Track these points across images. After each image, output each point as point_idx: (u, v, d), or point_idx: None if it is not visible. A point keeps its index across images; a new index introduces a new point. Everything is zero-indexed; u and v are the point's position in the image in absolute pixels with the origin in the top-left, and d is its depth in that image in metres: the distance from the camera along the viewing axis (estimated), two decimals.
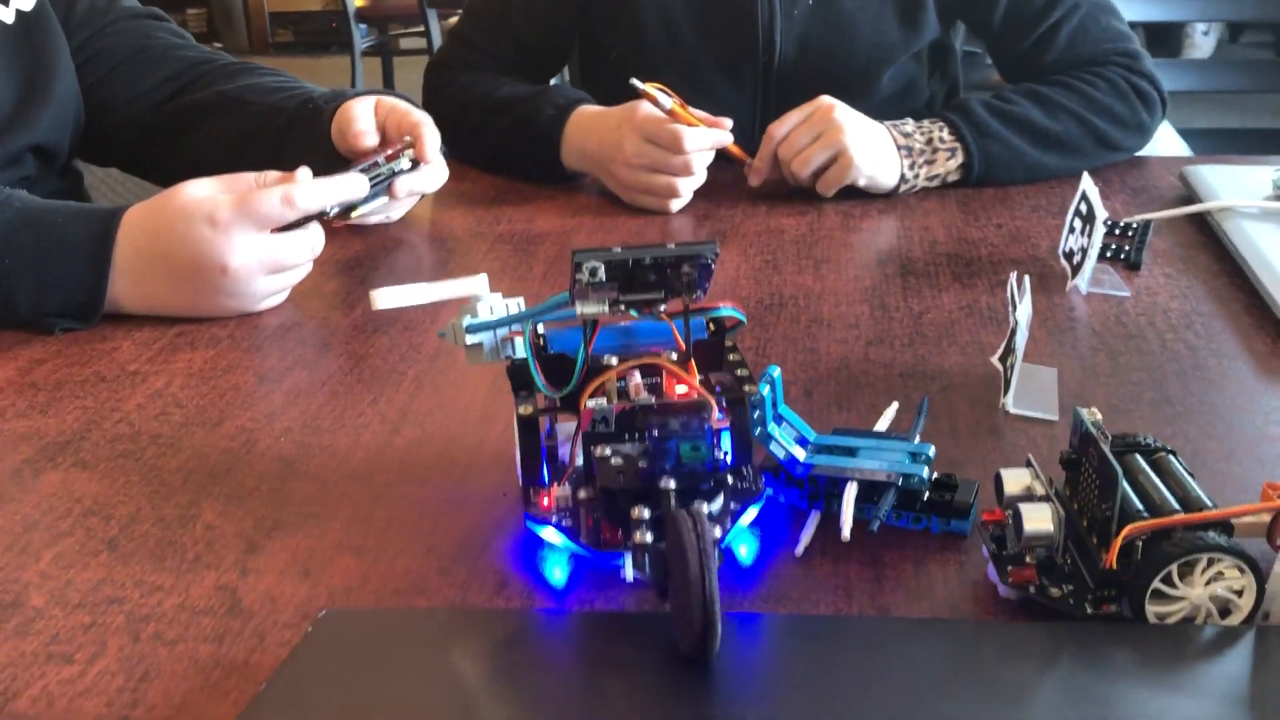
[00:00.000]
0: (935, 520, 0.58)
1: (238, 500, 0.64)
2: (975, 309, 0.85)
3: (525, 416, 0.57)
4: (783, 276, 0.92)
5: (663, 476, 0.52)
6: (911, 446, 0.60)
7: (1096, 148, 1.11)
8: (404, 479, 0.65)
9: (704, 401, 0.55)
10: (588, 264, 0.53)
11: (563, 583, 0.56)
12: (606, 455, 0.54)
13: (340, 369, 0.79)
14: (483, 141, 1.19)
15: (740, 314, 0.60)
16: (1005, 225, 1.02)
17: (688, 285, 0.56)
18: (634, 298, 0.56)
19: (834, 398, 0.73)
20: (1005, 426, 0.69)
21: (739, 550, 0.57)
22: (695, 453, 0.52)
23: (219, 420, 0.73)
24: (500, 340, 0.60)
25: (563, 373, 0.58)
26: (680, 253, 0.54)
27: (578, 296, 0.55)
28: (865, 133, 1.06)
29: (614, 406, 0.55)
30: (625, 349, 0.59)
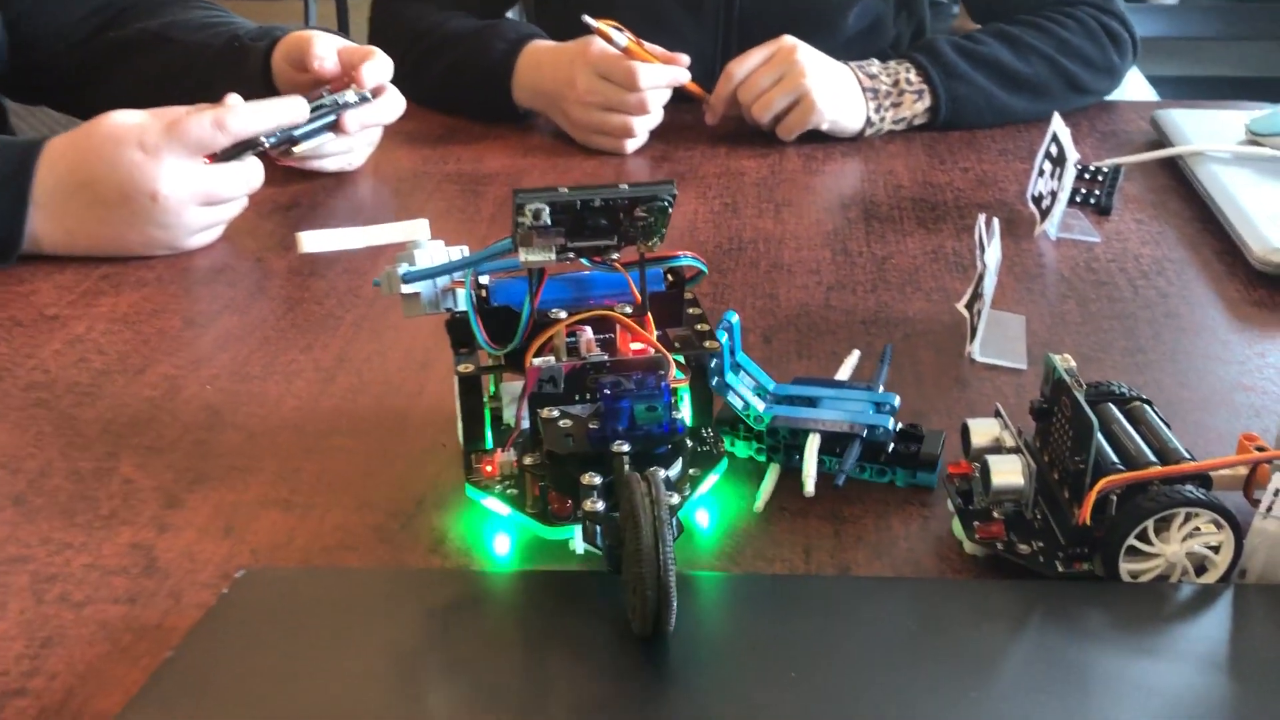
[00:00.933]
0: (900, 473, 0.55)
1: (158, 452, 0.60)
2: (941, 254, 0.82)
3: (466, 375, 0.53)
4: (742, 220, 0.88)
5: (615, 440, 0.48)
6: (875, 396, 0.56)
7: (1066, 90, 1.08)
8: (337, 430, 0.62)
9: (660, 358, 0.52)
10: (530, 205, 0.49)
11: (507, 556, 0.51)
12: (554, 417, 0.50)
13: (273, 313, 0.74)
14: (430, 77, 1.13)
15: (701, 263, 0.56)
16: (972, 169, 0.98)
17: (643, 231, 0.52)
18: (583, 244, 0.51)
19: (793, 345, 0.69)
20: (971, 376, 0.66)
21: (698, 519, 0.52)
22: (651, 414, 0.48)
23: (142, 367, 0.68)
24: (440, 291, 0.55)
25: (507, 327, 0.52)
26: (634, 194, 0.50)
27: (521, 242, 0.50)
28: (829, 75, 1.02)
29: (563, 364, 0.51)
30: (575, 302, 0.54)
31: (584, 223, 0.50)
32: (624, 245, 0.52)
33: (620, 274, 0.53)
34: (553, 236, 0.50)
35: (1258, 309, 0.73)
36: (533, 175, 0.99)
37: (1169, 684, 0.41)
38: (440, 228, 0.63)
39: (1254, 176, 0.89)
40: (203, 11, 1.08)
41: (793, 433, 0.55)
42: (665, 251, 0.55)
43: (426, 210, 0.91)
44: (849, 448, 0.54)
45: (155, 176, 0.77)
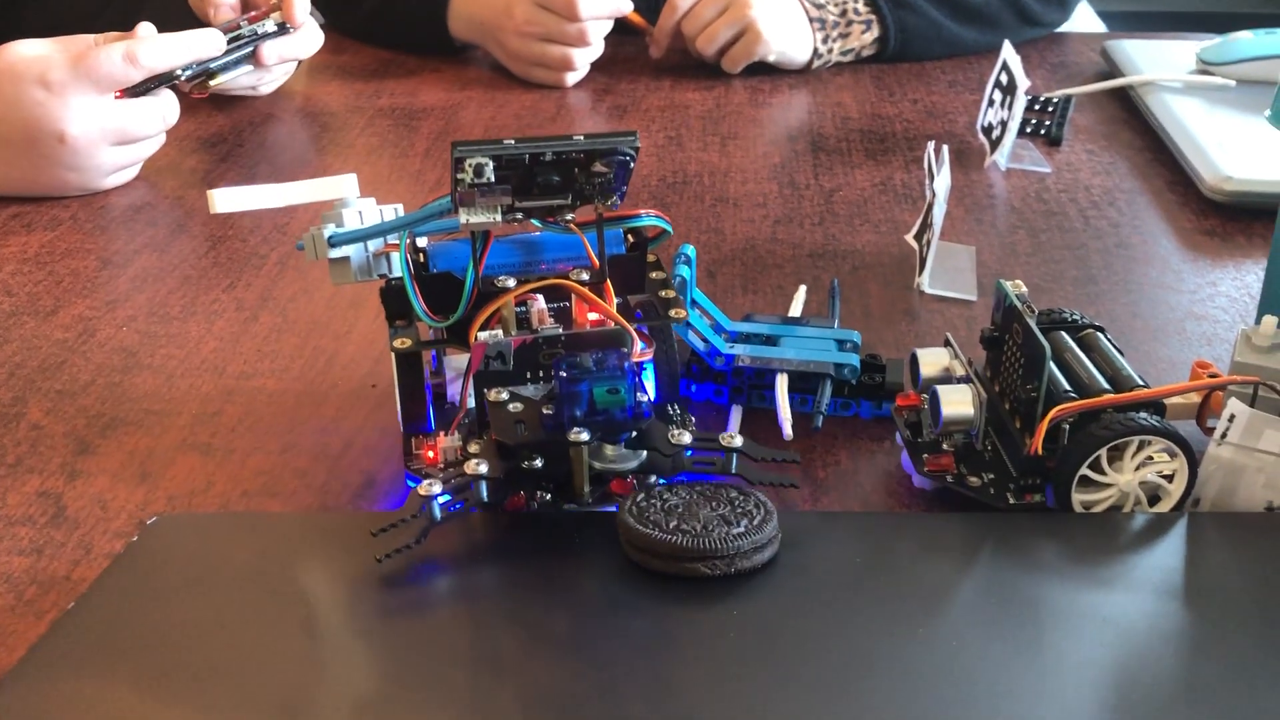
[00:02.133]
0: (866, 405, 0.53)
1: (69, 396, 0.57)
2: (889, 186, 0.80)
3: (403, 351, 0.47)
4: (687, 153, 0.85)
5: (573, 427, 0.43)
6: (837, 333, 0.54)
7: (1017, 21, 1.06)
8: (259, 371, 0.59)
9: (621, 332, 0.46)
10: (471, 160, 0.42)
11: None
12: (503, 400, 0.44)
13: (194, 252, 0.71)
14: (363, 9, 1.09)
15: (665, 223, 0.50)
16: (921, 100, 0.96)
17: (601, 189, 0.45)
18: (532, 204, 0.45)
19: (739, 280, 0.67)
20: (921, 308, 0.64)
21: None
22: (613, 397, 0.43)
23: (53, 309, 0.64)
24: (372, 255, 0.49)
25: (449, 296, 0.46)
26: (591, 146, 0.43)
27: (461, 202, 0.44)
28: (774, 5, 0.99)
29: (512, 339, 0.46)
30: (525, 268, 0.48)
31: (533, 179, 0.44)
32: (579, 204, 0.46)
33: (575, 236, 0.47)
34: (497, 195, 0.44)
35: (1209, 238, 0.72)
36: (469, 109, 0.95)
37: (1123, 614, 0.39)
38: (373, 166, 0.59)
39: (1205, 106, 0.87)
40: None
41: (757, 373, 0.53)
42: (626, 210, 0.48)
43: (358, 146, 0.87)
44: (821, 387, 0.51)
45: (62, 117, 0.73)
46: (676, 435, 0.45)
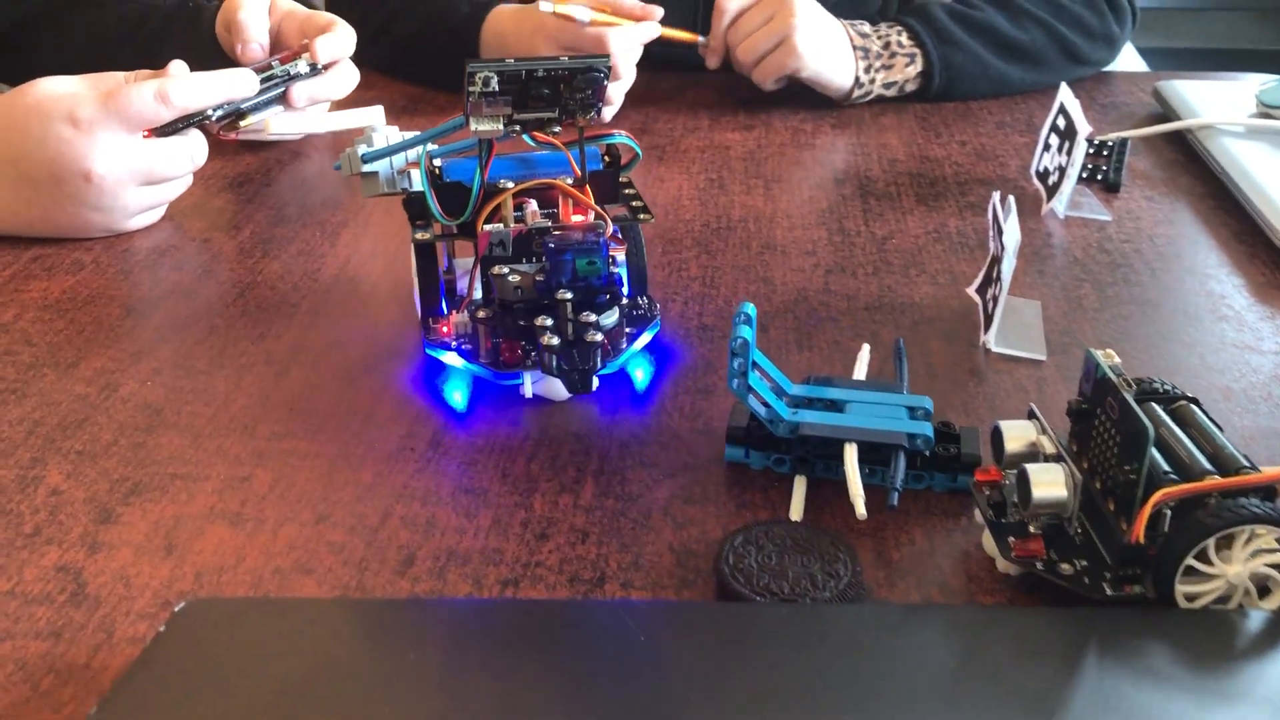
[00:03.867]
0: (939, 477, 0.50)
1: (91, 458, 0.53)
2: (944, 234, 0.76)
3: (422, 241, 0.57)
4: (730, 197, 0.82)
5: (560, 289, 0.53)
6: (907, 399, 0.51)
7: (1063, 60, 1.03)
8: (291, 431, 0.55)
9: (599, 221, 0.56)
10: (481, 74, 0.52)
11: (463, 405, 0.56)
12: (504, 273, 0.54)
13: (222, 299, 0.68)
14: (392, 42, 1.06)
15: (635, 145, 0.60)
16: (970, 142, 0.93)
17: (581, 105, 0.55)
18: (527, 116, 0.54)
19: (792, 334, 0.64)
20: (987, 368, 0.61)
21: (635, 374, 0.58)
22: (591, 266, 0.53)
23: (75, 360, 0.61)
24: (396, 172, 0.60)
25: (459, 202, 0.56)
26: (572, 65, 0.53)
27: (471, 111, 0.54)
28: (818, 23, 0.96)
29: (511, 230, 0.55)
30: (521, 178, 0.58)
31: (528, 93, 0.53)
32: (565, 119, 0.55)
33: (561, 153, 0.57)
34: (500, 106, 0.53)
35: None
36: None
37: None
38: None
39: (1268, 150, 0.84)
40: None
41: (823, 442, 0.49)
42: (602, 129, 0.59)
43: None
44: (894, 461, 0.48)
45: (89, 155, 0.70)
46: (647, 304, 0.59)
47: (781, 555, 0.45)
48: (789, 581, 0.44)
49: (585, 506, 0.50)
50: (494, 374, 0.55)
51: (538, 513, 0.50)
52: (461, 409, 0.56)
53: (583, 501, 0.50)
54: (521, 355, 0.55)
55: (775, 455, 0.52)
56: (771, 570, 0.44)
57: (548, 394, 0.57)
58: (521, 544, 0.48)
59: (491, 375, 0.55)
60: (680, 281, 0.70)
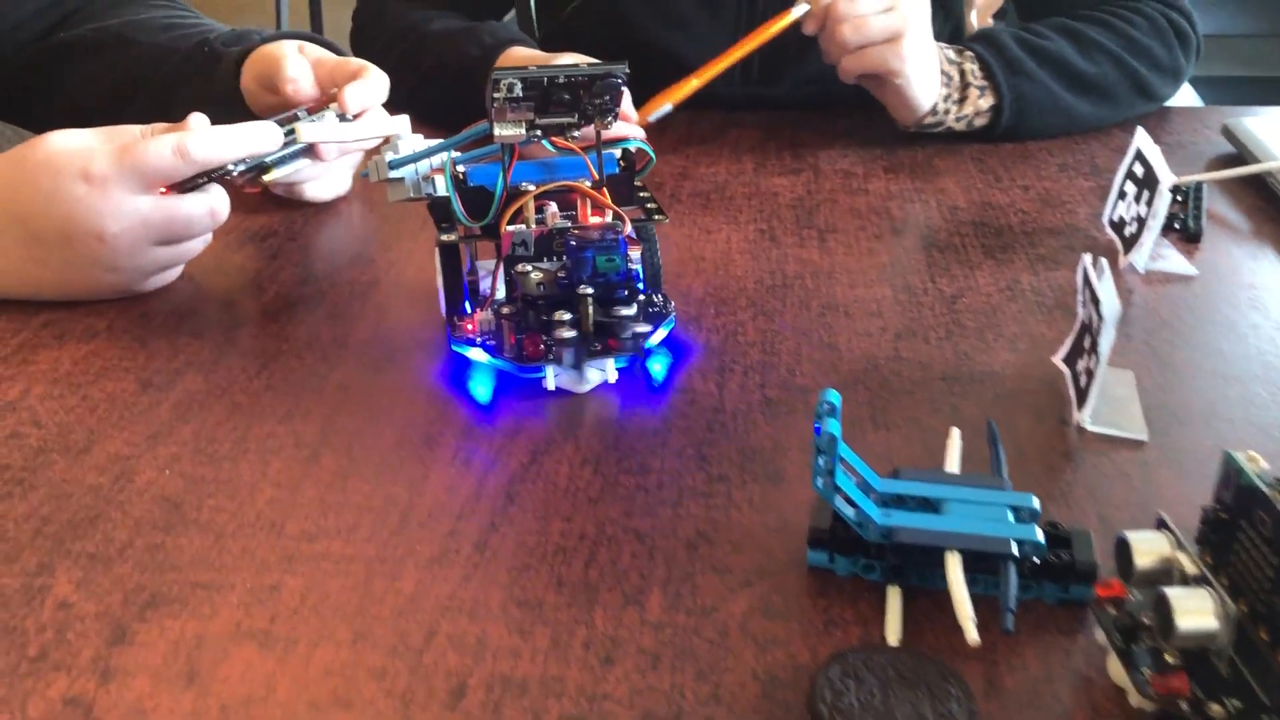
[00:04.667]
0: (1049, 587, 0.45)
1: (104, 563, 0.48)
2: (1017, 291, 0.71)
3: (447, 243, 0.60)
4: (783, 250, 0.77)
5: (581, 285, 0.57)
6: (1009, 497, 0.46)
7: (1132, 95, 0.97)
8: (324, 529, 0.50)
9: (616, 220, 0.60)
10: (506, 80, 0.56)
11: (488, 399, 0.59)
12: (527, 270, 0.58)
13: (245, 372, 0.63)
14: (407, 83, 1.02)
15: (649, 148, 0.63)
16: (1032, 187, 0.88)
17: (600, 109, 0.59)
18: (549, 120, 0.58)
19: (867, 410, 0.58)
20: (1082, 449, 0.55)
21: (652, 367, 0.61)
22: (610, 263, 0.57)
23: (86, 445, 0.57)
24: (421, 179, 0.63)
25: (482, 206, 0.60)
26: (592, 72, 0.57)
27: (496, 117, 0.57)
28: (928, 34, 0.90)
29: (533, 230, 0.59)
30: (542, 182, 0.61)
31: (549, 98, 0.57)
32: (583, 124, 0.59)
33: (580, 158, 0.61)
34: (523, 111, 0.57)
35: None
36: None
37: None
38: None
39: None
40: (165, 10, 0.96)
41: (920, 549, 0.44)
42: (618, 134, 0.63)
43: (421, 237, 0.79)
44: (1004, 574, 0.43)
45: (104, 213, 0.65)
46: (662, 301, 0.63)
47: (885, 691, 0.39)
48: None
49: (654, 623, 0.45)
50: (517, 368, 0.58)
51: (600, 630, 0.44)
52: (485, 401, 0.59)
53: (650, 616, 0.45)
54: (544, 349, 0.58)
55: (864, 561, 0.46)
56: (875, 710, 0.39)
57: (569, 385, 0.59)
58: (585, 670, 0.43)
59: (515, 369, 0.58)
60: (737, 348, 0.65)
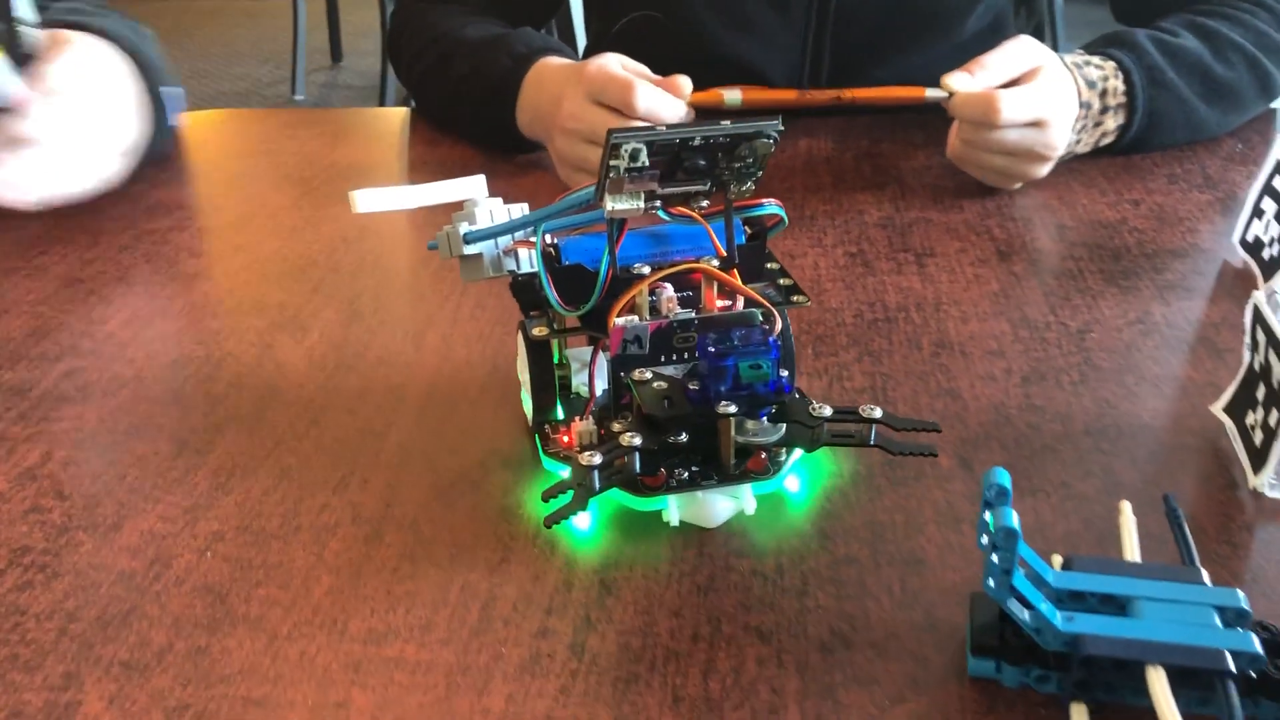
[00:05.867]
0: (1268, 706, 0.37)
1: (139, 673, 0.41)
2: (1150, 325, 0.63)
3: (538, 339, 0.50)
4: (879, 278, 0.70)
5: (719, 400, 0.45)
6: (1211, 594, 0.38)
7: (1257, 97, 0.88)
8: (392, 628, 0.43)
9: (753, 313, 0.48)
10: (628, 146, 0.44)
11: (589, 530, 0.48)
12: (647, 379, 0.47)
13: (292, 429, 0.56)
14: (438, 92, 0.95)
15: (784, 213, 0.51)
16: (1143, 202, 0.80)
17: (739, 174, 0.48)
18: (674, 190, 0.47)
19: None
20: (1263, 519, 0.48)
21: (788, 485, 0.49)
22: (756, 372, 0.45)
23: (117, 522, 0.50)
24: (502, 251, 0.52)
25: (578, 287, 0.48)
26: (738, 130, 0.45)
27: (610, 189, 0.46)
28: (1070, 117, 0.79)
29: (648, 324, 0.47)
30: (652, 258, 0.49)
31: (679, 165, 0.46)
32: (715, 191, 0.48)
33: (698, 226, 0.49)
34: (645, 181, 0.46)
35: None
36: None
37: None
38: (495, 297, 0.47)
39: None
40: None
41: (1117, 664, 0.37)
42: (750, 199, 0.50)
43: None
44: (1225, 696, 0.35)
45: None
46: (817, 409, 0.47)
47: None
48: None
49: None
50: (633, 498, 0.47)
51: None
52: (588, 533, 0.47)
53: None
54: (665, 477, 0.47)
55: (1039, 672, 0.39)
56: None
57: (696, 520, 0.48)
58: None
59: (629, 499, 0.47)
60: (845, 396, 0.57)
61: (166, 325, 0.66)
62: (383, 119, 1.03)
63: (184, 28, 4.73)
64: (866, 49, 0.93)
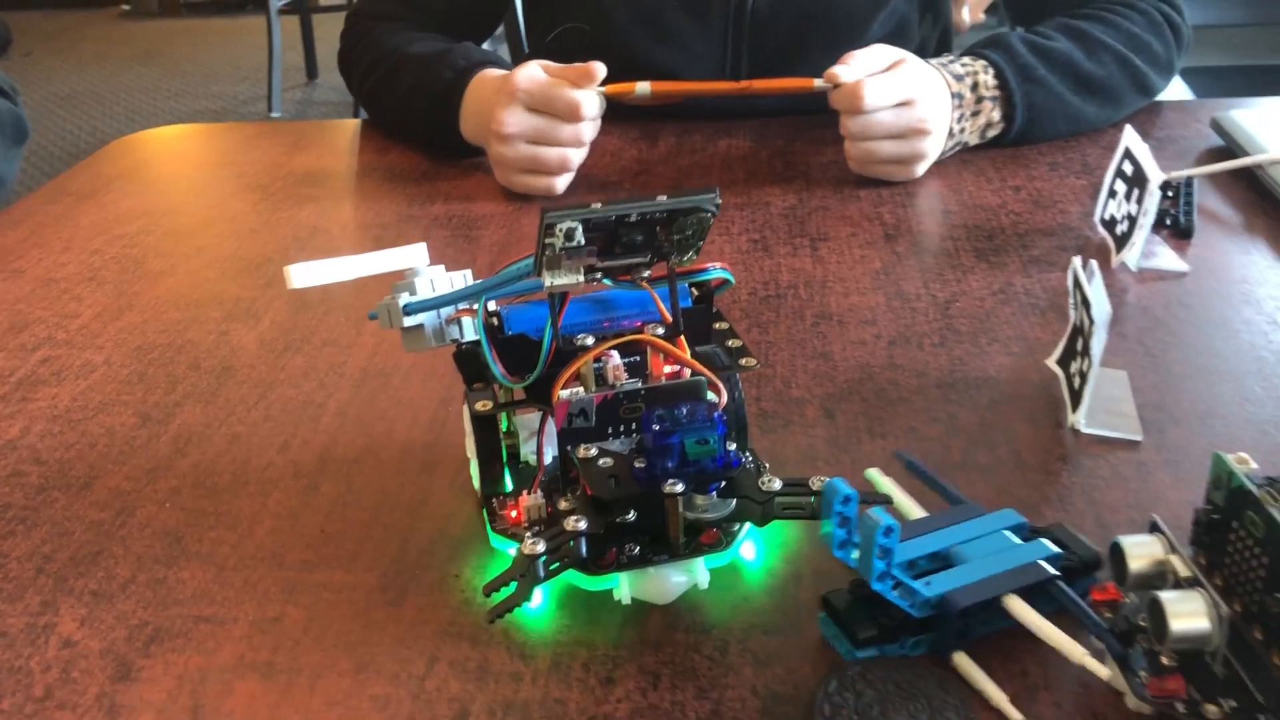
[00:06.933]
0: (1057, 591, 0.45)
1: (107, 599, 0.49)
2: (1010, 294, 0.71)
3: (482, 414, 0.48)
4: (775, 260, 0.77)
5: (666, 479, 0.43)
6: (997, 520, 0.46)
7: (1133, 93, 0.96)
8: (324, 559, 0.50)
9: (700, 381, 0.47)
10: (562, 225, 0.43)
11: (541, 607, 0.47)
12: (592, 456, 0.45)
13: (243, 402, 0.63)
14: (387, 104, 1.02)
15: (729, 274, 0.51)
16: (1024, 188, 0.88)
17: (679, 245, 0.47)
18: (614, 263, 0.47)
19: (862, 420, 0.59)
20: (1079, 452, 0.55)
21: (743, 553, 0.48)
22: (704, 447, 0.43)
23: (87, 481, 0.57)
24: (445, 321, 0.50)
25: (523, 357, 0.48)
26: (674, 205, 0.45)
27: (547, 266, 0.45)
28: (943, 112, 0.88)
29: (594, 396, 0.46)
30: (597, 325, 0.49)
31: (617, 239, 0.45)
32: (656, 261, 0.47)
33: (643, 292, 0.48)
34: (583, 257, 0.45)
35: None
36: (531, 215, 0.88)
37: None
38: None
39: None
40: None
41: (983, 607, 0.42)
42: (695, 265, 0.49)
43: None
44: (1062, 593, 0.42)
45: None
46: (767, 482, 0.45)
47: (884, 703, 0.40)
48: None
49: (653, 641, 0.45)
50: (584, 578, 0.46)
51: (601, 651, 0.45)
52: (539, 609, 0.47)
53: (650, 635, 0.45)
54: (615, 555, 0.46)
55: (913, 639, 0.43)
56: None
57: (648, 597, 0.46)
58: (586, 691, 0.43)
59: (579, 578, 0.46)
60: None
61: (133, 318, 0.74)
62: (337, 130, 1.11)
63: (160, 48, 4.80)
64: (780, 56, 1.01)
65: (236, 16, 5.35)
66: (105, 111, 3.91)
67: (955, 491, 0.49)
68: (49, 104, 4.02)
